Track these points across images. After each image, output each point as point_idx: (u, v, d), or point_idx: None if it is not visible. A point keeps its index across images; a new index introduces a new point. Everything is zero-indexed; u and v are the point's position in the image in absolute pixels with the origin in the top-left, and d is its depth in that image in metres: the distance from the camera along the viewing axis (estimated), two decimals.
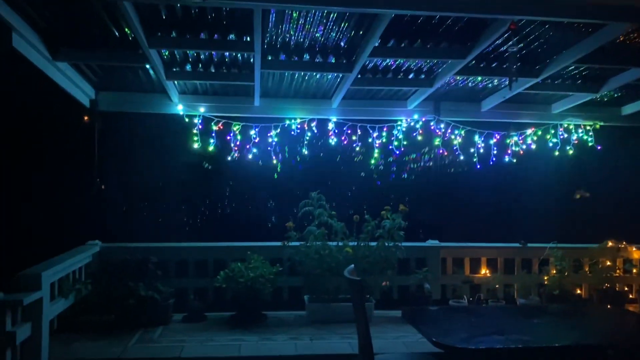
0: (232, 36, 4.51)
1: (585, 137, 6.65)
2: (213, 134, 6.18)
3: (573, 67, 5.09)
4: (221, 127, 6.17)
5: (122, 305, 5.08)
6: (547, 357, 3.40)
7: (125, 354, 4.43)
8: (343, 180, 6.90)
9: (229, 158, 6.22)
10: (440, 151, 6.55)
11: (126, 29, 4.32)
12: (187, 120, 6.16)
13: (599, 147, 6.62)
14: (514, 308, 5.33)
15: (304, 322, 5.51)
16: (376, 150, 6.46)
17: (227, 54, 4.91)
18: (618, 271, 6.38)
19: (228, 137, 6.21)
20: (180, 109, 6.13)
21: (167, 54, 4.95)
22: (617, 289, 6.26)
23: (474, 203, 6.92)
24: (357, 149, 6.42)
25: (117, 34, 4.42)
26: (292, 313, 5.81)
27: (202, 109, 6.15)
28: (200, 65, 5.29)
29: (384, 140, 6.48)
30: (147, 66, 5.09)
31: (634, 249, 6.49)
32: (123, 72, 5.51)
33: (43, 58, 4.62)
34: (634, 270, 6.44)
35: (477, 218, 6.86)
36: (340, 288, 5.57)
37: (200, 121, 6.13)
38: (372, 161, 6.48)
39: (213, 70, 5.40)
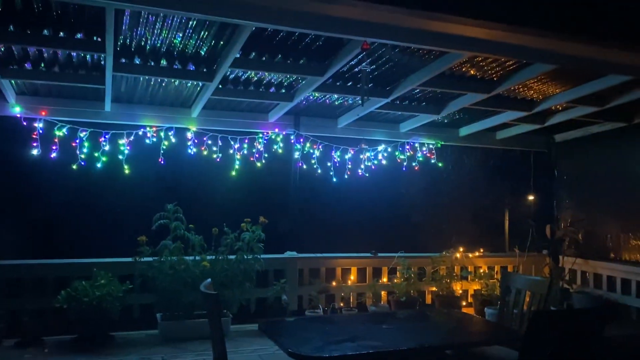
0: (80, 35, 4.17)
1: (428, 155, 7.27)
2: (56, 140, 5.65)
3: (418, 89, 5.54)
4: (66, 133, 5.67)
5: None
6: (395, 359, 3.60)
7: None
8: (202, 192, 6.71)
9: (75, 167, 5.73)
10: (299, 164, 6.70)
11: None
12: (25, 124, 5.56)
13: (440, 165, 7.29)
14: (366, 315, 5.59)
15: (156, 341, 5.22)
16: (237, 162, 6.41)
17: (75, 53, 4.54)
18: (455, 277, 7.03)
19: (74, 144, 5.73)
20: (17, 111, 5.51)
21: (2, 49, 4.43)
22: (455, 294, 6.88)
23: (330, 215, 7.17)
24: (218, 160, 6.32)
25: None
26: (143, 332, 5.48)
27: (43, 112, 5.60)
28: (42, 64, 4.82)
29: (245, 152, 6.46)
30: None
31: (469, 256, 7.22)
32: None
33: None
34: (469, 277, 7.15)
35: (333, 229, 7.11)
36: (196, 304, 5.39)
37: (41, 125, 5.58)
38: (233, 173, 6.42)
39: (57, 71, 4.95)
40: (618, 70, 4.36)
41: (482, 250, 7.41)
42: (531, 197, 7.95)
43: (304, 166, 6.73)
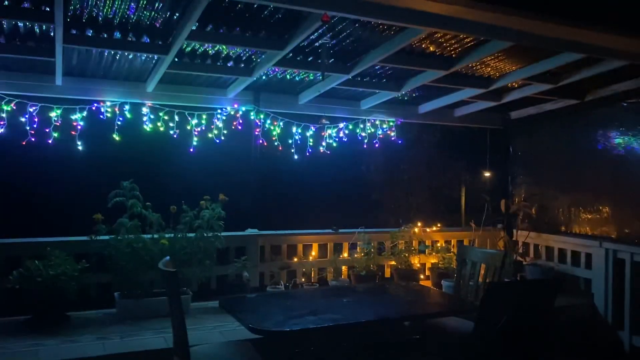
0: (27, 4, 3.96)
1: (388, 132, 7.32)
2: (3, 115, 5.40)
3: (379, 66, 5.54)
4: (14, 107, 5.42)
5: None
6: (355, 332, 3.67)
7: None
8: (160, 169, 6.58)
9: (24, 143, 5.49)
10: (260, 141, 6.63)
11: None
12: None
13: (399, 141, 7.36)
14: (327, 289, 5.65)
15: (114, 320, 5.13)
16: (195, 139, 6.29)
17: (22, 24, 4.31)
18: (414, 252, 7.17)
19: (23, 119, 5.49)
20: None
21: None
22: (413, 267, 7.03)
23: (292, 192, 7.17)
24: (175, 136, 6.18)
25: None
26: (100, 312, 5.37)
27: None
28: None
29: (204, 128, 6.34)
30: None
31: (427, 231, 7.37)
32: None
33: None
34: (427, 251, 7.31)
35: (294, 206, 7.12)
36: (155, 282, 5.32)
37: None
38: (191, 150, 6.30)
39: (3, 42, 4.69)
40: (572, 48, 4.46)
41: (439, 225, 7.57)
42: (487, 174, 8.15)
43: (265, 143, 6.67)
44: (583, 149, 6.97)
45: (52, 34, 4.40)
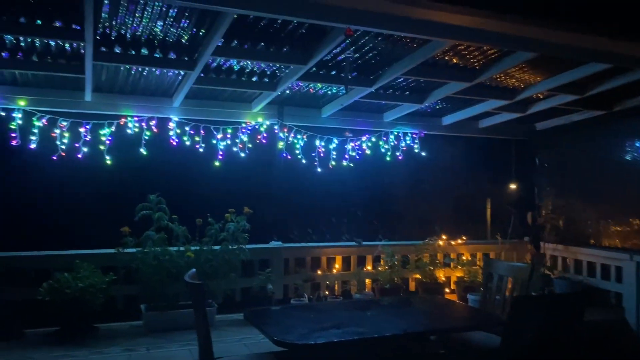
0: (59, 23, 4.09)
1: (412, 144, 7.30)
2: (36, 131, 5.56)
3: (402, 79, 5.55)
4: (46, 123, 5.58)
5: None
6: (380, 345, 3.64)
7: None
8: (186, 182, 6.67)
9: (55, 157, 5.64)
10: (283, 154, 6.68)
11: None
12: (3, 114, 5.46)
13: (423, 154, 7.32)
14: (350, 302, 5.62)
15: (140, 332, 5.20)
16: (220, 152, 6.37)
17: (53, 42, 4.46)
18: (438, 265, 7.10)
19: (54, 134, 5.64)
20: None
21: None
22: (438, 281, 6.95)
23: (315, 205, 7.18)
24: (201, 150, 6.27)
25: None
26: (127, 324, 5.45)
27: (22, 102, 5.50)
28: (20, 53, 4.72)
29: (229, 142, 6.42)
30: None
31: (452, 244, 7.30)
32: None
33: None
34: (452, 264, 7.22)
35: (318, 219, 7.14)
36: (181, 294, 5.37)
37: (19, 116, 5.48)
38: (217, 163, 6.37)
39: (36, 59, 4.85)
40: (598, 58, 4.41)
41: (464, 238, 7.49)
42: (512, 185, 8.04)
43: (288, 156, 6.71)
44: (611, 160, 6.83)
45: (82, 51, 4.53)
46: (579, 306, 3.51)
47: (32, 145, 5.58)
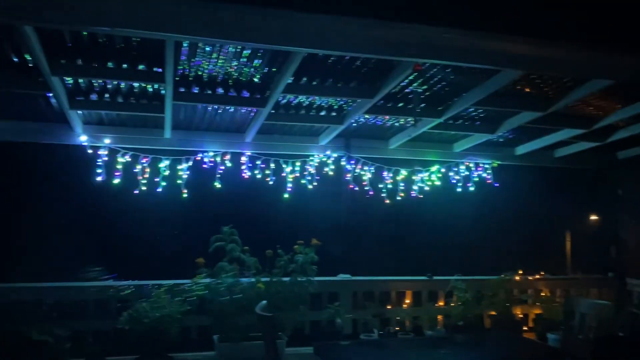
0: (142, 66, 4.40)
1: (483, 175, 7.11)
2: (119, 167, 5.92)
3: (472, 109, 5.46)
4: (128, 160, 5.93)
5: (11, 351, 4.62)
6: None
7: None
8: (257, 214, 6.85)
9: (137, 192, 5.97)
10: (351, 186, 6.71)
11: (26, 55, 4.08)
12: (90, 152, 5.87)
13: (496, 185, 7.11)
14: (422, 339, 5.46)
15: None
16: (289, 185, 6.49)
17: (137, 84, 4.78)
18: (515, 301, 6.77)
19: (135, 170, 5.98)
20: (83, 139, 5.83)
21: (70, 81, 4.72)
22: (515, 318, 6.62)
23: (384, 237, 7.12)
24: (271, 183, 6.42)
25: (15, 59, 4.16)
26: (200, 354, 5.56)
27: (107, 140, 5.89)
28: (106, 95, 5.09)
29: (297, 175, 6.54)
30: (49, 94, 4.81)
31: (529, 279, 6.96)
32: (21, 100, 5.17)
33: None
34: (530, 301, 6.87)
35: (386, 251, 7.06)
36: (252, 326, 5.43)
37: (105, 153, 5.87)
38: (286, 196, 6.49)
39: (121, 100, 5.21)
40: None
41: (542, 273, 7.12)
42: (593, 217, 7.61)
43: (356, 188, 6.73)
44: None
45: (162, 92, 4.82)
46: None
47: (116, 181, 5.93)
